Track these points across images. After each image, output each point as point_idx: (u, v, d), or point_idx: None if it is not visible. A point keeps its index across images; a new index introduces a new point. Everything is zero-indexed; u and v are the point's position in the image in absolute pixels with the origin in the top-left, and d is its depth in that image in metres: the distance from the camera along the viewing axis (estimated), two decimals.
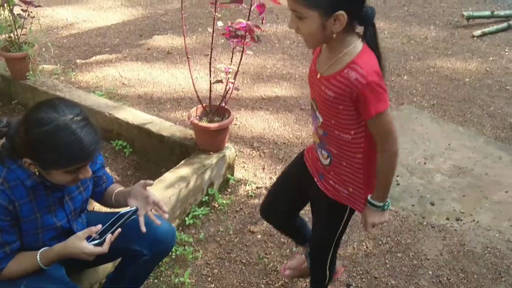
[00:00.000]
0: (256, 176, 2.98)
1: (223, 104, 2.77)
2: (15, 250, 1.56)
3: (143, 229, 1.67)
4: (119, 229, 1.57)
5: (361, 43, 1.50)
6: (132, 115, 3.08)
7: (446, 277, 2.39)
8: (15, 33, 3.42)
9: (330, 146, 1.66)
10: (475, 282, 2.37)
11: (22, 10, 3.35)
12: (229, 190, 2.86)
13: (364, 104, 1.48)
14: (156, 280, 2.28)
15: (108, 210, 1.98)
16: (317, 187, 1.79)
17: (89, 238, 1.55)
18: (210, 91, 2.76)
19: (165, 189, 2.46)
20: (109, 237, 1.54)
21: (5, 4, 3.30)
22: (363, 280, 2.35)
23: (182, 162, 2.68)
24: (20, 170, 1.50)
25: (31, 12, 3.36)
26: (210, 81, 2.73)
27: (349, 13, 1.41)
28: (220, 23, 2.60)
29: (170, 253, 2.36)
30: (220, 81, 2.71)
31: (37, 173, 1.49)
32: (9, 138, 1.51)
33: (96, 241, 1.54)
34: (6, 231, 1.51)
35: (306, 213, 2.23)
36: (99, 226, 1.56)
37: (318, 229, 1.91)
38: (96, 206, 2.34)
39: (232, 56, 2.69)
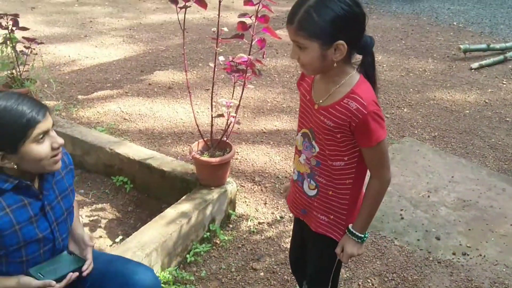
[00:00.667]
0: (258, 211, 2.94)
1: (225, 138, 2.76)
2: None
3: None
4: (75, 274, 1.62)
5: (357, 74, 1.54)
6: (133, 151, 3.07)
7: None
8: (17, 70, 3.45)
9: (320, 177, 1.65)
10: None
11: (25, 47, 3.39)
12: (230, 225, 2.81)
13: (364, 133, 1.49)
14: None
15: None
16: (305, 227, 1.77)
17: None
18: (212, 125, 2.76)
19: (167, 226, 2.42)
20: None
21: (8, 42, 3.34)
22: None
23: (184, 197, 2.65)
24: None
25: (34, 49, 3.40)
26: (212, 115, 2.74)
27: (349, 43, 1.44)
28: (221, 58, 2.62)
29: None
30: (222, 115, 2.71)
31: (14, 166, 1.48)
32: None
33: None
34: None
35: None
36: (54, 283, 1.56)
37: (314, 263, 1.87)
38: None
39: (233, 90, 2.70)
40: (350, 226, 1.66)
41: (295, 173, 1.75)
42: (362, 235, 1.65)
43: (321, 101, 1.57)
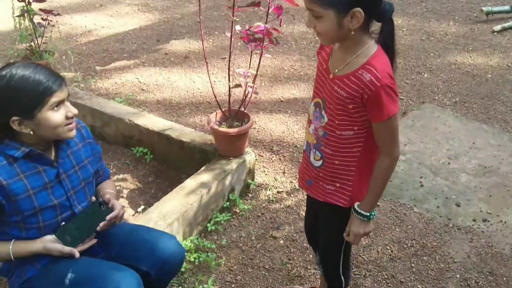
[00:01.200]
0: (277, 181, 2.96)
1: (242, 109, 2.76)
2: None
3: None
4: (94, 240, 1.71)
5: (375, 44, 1.50)
6: (152, 122, 3.09)
7: (475, 280, 2.34)
8: (36, 42, 3.46)
9: (325, 147, 1.64)
10: (505, 285, 2.31)
11: (42, 19, 3.39)
12: (250, 195, 2.84)
13: (376, 106, 1.48)
14: (180, 287, 2.28)
15: None
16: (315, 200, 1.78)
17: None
18: (229, 96, 2.75)
19: (187, 196, 2.46)
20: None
21: (25, 14, 3.35)
22: (389, 285, 2.31)
23: (203, 168, 2.68)
24: (8, 148, 1.58)
25: (51, 20, 3.40)
26: (229, 86, 2.72)
27: (366, 10, 1.40)
28: (238, 27, 2.58)
29: (193, 261, 2.37)
30: (239, 85, 2.69)
31: (31, 132, 1.56)
32: None
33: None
34: None
35: None
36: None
37: (324, 235, 1.89)
38: None
39: (250, 59, 2.68)
40: (356, 205, 1.64)
41: (305, 143, 1.76)
42: (368, 214, 1.63)
43: (336, 70, 1.55)
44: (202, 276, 2.33)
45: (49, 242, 1.64)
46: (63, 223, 1.68)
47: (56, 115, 1.57)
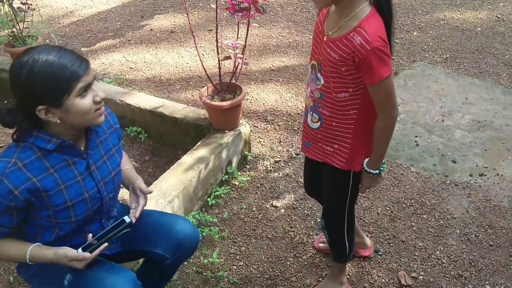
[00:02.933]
0: (273, 150, 2.96)
1: (234, 81, 2.73)
2: (2, 233, 1.54)
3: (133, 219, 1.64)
4: (106, 244, 1.55)
5: (369, 6, 1.50)
6: (144, 100, 3.06)
7: (475, 234, 2.38)
8: (18, 28, 3.38)
9: (323, 109, 1.67)
10: (504, 237, 2.36)
11: (21, 3, 3.31)
12: (247, 166, 2.85)
13: (367, 69, 1.49)
14: (185, 263, 2.31)
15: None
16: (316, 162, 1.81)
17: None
18: (220, 69, 2.72)
19: (185, 172, 2.46)
20: (95, 252, 1.53)
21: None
22: (391, 245, 2.35)
23: (199, 143, 2.67)
24: (38, 140, 1.48)
25: (31, 4, 3.32)
26: (219, 59, 2.69)
27: None
28: None
29: None
30: (229, 57, 2.66)
31: (58, 121, 1.46)
32: (17, 112, 1.49)
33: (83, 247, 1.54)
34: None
35: None
36: (90, 236, 1.55)
37: (327, 199, 1.92)
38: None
39: (237, 30, 2.64)
40: (365, 165, 1.70)
41: (304, 107, 1.78)
42: (377, 171, 1.70)
43: (330, 33, 1.57)
44: (207, 250, 2.35)
45: (60, 248, 1.54)
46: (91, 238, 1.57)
47: (84, 101, 1.46)
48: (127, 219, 1.59)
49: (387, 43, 1.50)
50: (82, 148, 1.59)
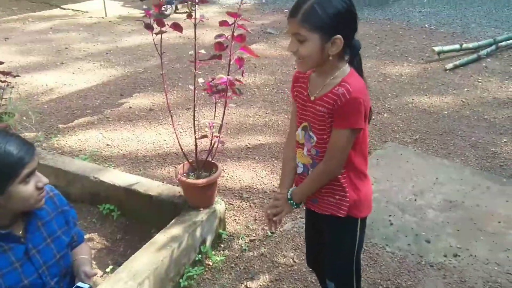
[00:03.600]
0: (249, 228, 2.93)
1: (210, 159, 2.76)
2: None
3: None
4: None
5: (349, 67, 1.66)
6: (118, 177, 3.04)
7: None
8: None
9: (319, 163, 1.76)
10: None
11: (0, 81, 3.35)
12: (222, 245, 2.80)
13: (341, 114, 1.60)
14: None
15: None
16: (321, 217, 1.85)
17: None
18: (196, 147, 2.76)
19: (158, 252, 2.40)
20: None
21: None
22: None
23: (173, 221, 2.63)
24: None
25: (10, 82, 3.36)
26: (195, 137, 2.73)
27: (344, 38, 1.55)
28: (201, 80, 2.63)
29: None
30: (205, 136, 2.70)
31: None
32: None
33: None
34: None
35: None
36: None
37: (332, 256, 1.92)
38: None
39: (215, 110, 2.71)
40: (289, 192, 1.81)
41: (299, 167, 1.84)
42: (297, 204, 1.82)
43: (317, 92, 1.68)
44: None
45: None
46: None
47: (27, 187, 1.47)
48: (83, 285, 1.54)
49: (368, 101, 1.62)
50: (20, 232, 1.54)
